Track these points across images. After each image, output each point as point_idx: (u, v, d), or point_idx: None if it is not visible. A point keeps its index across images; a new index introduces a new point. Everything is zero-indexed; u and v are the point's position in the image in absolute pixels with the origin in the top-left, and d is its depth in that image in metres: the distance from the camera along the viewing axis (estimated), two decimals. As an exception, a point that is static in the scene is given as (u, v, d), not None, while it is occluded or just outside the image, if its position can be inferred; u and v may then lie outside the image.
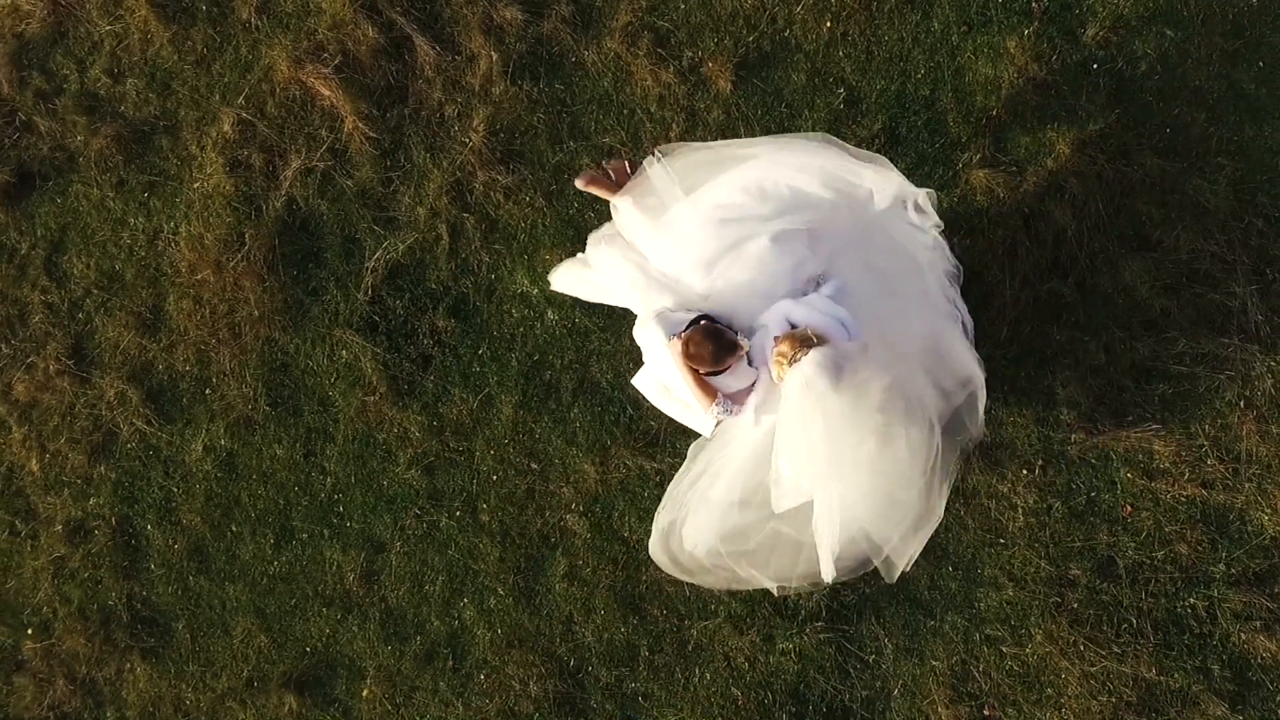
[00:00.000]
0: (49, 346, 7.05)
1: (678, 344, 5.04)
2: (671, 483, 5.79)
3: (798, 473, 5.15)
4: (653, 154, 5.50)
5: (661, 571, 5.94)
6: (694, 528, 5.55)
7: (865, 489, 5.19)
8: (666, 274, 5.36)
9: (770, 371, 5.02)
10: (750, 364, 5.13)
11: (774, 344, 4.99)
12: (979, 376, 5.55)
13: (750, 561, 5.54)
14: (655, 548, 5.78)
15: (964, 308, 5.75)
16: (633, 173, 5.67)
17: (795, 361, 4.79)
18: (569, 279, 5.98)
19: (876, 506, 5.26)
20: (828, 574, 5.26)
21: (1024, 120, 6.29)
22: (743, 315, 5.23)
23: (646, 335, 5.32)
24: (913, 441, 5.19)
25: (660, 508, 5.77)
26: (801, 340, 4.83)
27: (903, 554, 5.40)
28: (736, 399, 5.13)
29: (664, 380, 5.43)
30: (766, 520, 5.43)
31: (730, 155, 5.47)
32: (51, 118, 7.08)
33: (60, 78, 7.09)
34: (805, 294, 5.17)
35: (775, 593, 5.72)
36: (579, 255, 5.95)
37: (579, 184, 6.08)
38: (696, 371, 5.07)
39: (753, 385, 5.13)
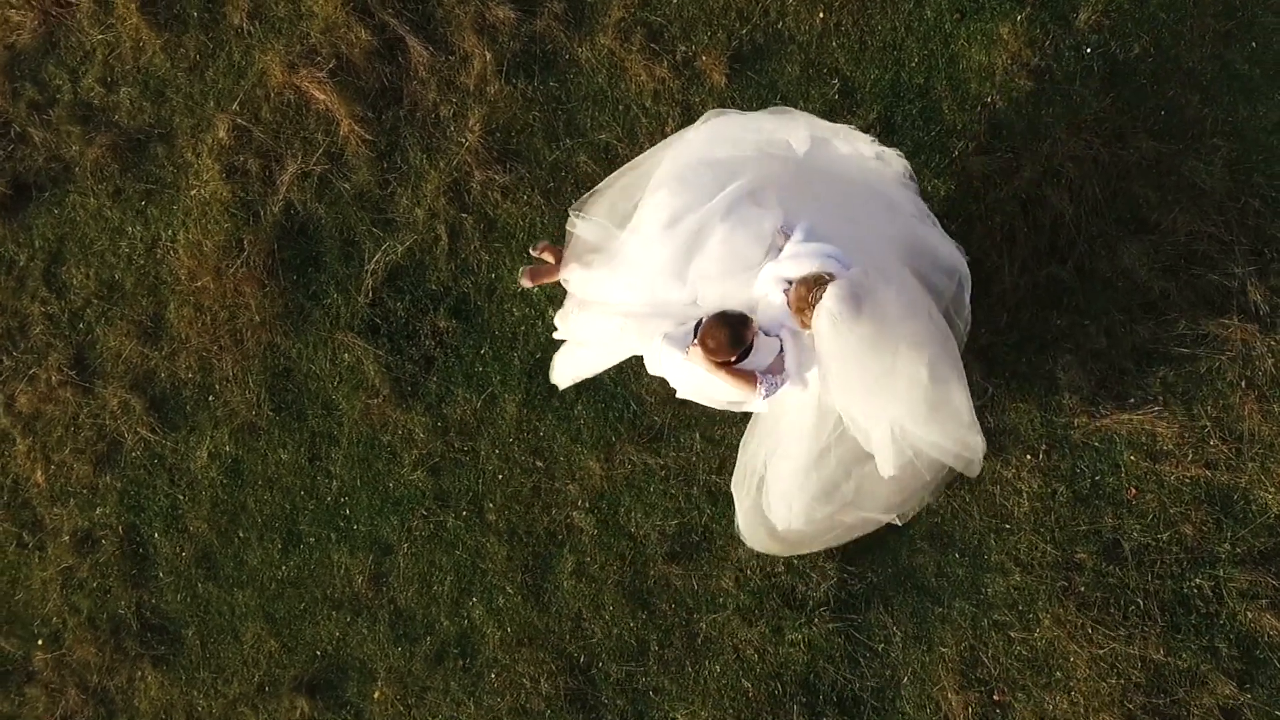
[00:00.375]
0: (50, 357, 7.04)
1: (697, 350, 5.03)
2: (736, 471, 5.87)
3: (852, 408, 5.21)
4: (570, 216, 5.58)
5: (767, 558, 6.13)
6: (780, 504, 5.62)
7: (916, 400, 5.25)
8: (648, 303, 5.34)
9: (792, 327, 5.05)
10: (768, 334, 5.14)
11: (786, 297, 5.02)
12: (962, 263, 5.64)
13: (857, 506, 5.63)
14: (752, 534, 5.86)
15: (925, 206, 5.80)
16: (564, 245, 5.73)
17: (816, 302, 4.84)
18: (566, 369, 5.96)
19: (933, 412, 5.32)
20: (886, 470, 5.33)
21: (1019, 106, 6.30)
22: (735, 302, 5.23)
23: (663, 362, 5.28)
24: (937, 342, 5.29)
25: (737, 499, 5.84)
26: (814, 280, 4.88)
27: (974, 450, 5.48)
28: (774, 370, 5.11)
29: (699, 392, 5.38)
30: (852, 465, 5.51)
31: (640, 173, 5.51)
32: (46, 128, 7.06)
33: (53, 88, 7.08)
34: (780, 250, 5.16)
35: (898, 523, 5.82)
36: (562, 344, 5.96)
37: (526, 283, 6.21)
38: (728, 364, 5.05)
39: (781, 352, 5.11)
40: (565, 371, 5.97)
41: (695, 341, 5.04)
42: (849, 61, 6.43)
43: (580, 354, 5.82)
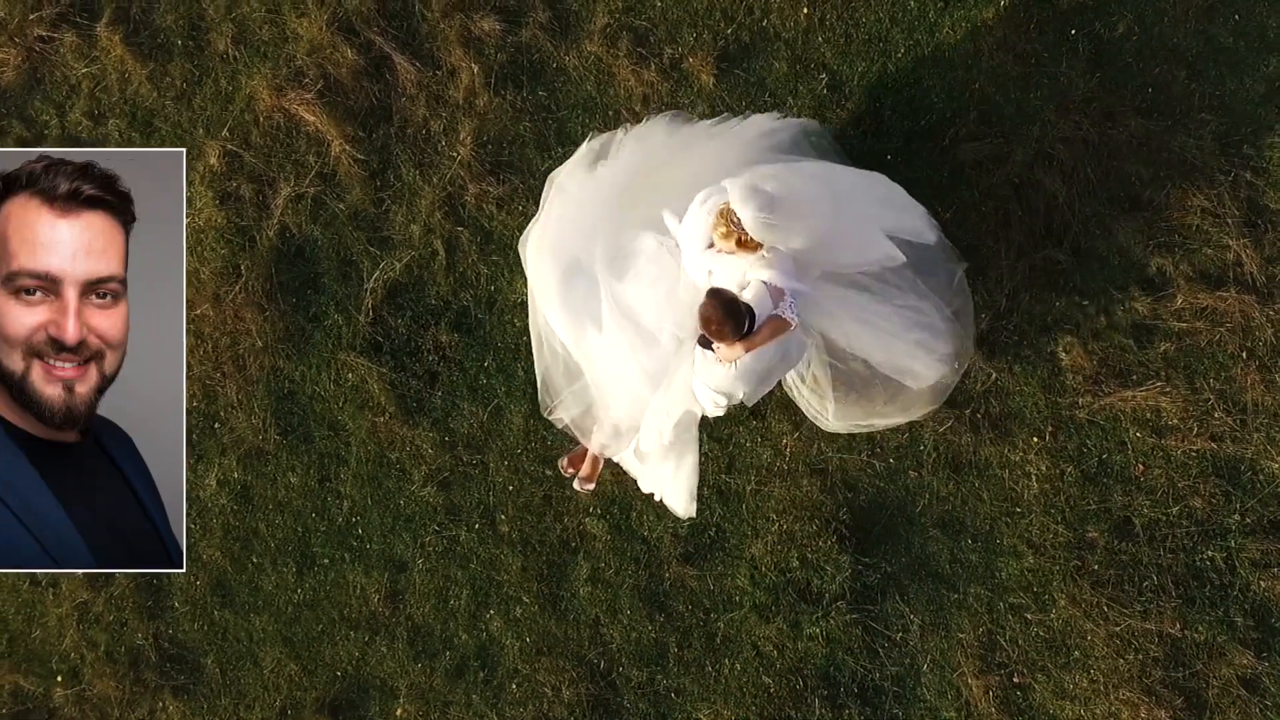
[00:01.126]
0: (53, 393, 7.03)
1: (724, 348, 5.03)
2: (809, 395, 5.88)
3: (857, 248, 5.38)
4: (551, 420, 5.92)
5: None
6: (928, 370, 5.63)
7: (882, 206, 5.50)
8: (658, 381, 5.43)
9: (749, 263, 5.14)
10: (744, 288, 5.18)
11: (720, 254, 5.14)
12: (776, 115, 5.87)
13: (951, 305, 5.71)
14: (923, 409, 5.89)
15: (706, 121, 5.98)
16: (575, 435, 5.99)
17: (739, 224, 5.02)
18: (681, 496, 5.92)
19: (892, 210, 5.54)
20: (930, 238, 5.47)
21: (1007, 90, 6.33)
22: (698, 303, 5.30)
23: (714, 383, 5.26)
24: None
25: (848, 423, 5.86)
26: (721, 215, 5.07)
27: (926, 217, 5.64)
28: (777, 296, 5.11)
29: (763, 378, 5.36)
30: (918, 295, 5.60)
31: (545, 336, 5.70)
32: (35, 164, 7.04)
33: (40, 124, 7.05)
34: (677, 245, 5.36)
35: (966, 263, 5.86)
36: (655, 492, 6.08)
37: (589, 488, 6.34)
38: (752, 332, 5.03)
39: (771, 286, 5.13)
40: (681, 498, 5.93)
41: (714, 346, 5.05)
42: (835, 55, 6.45)
43: (678, 473, 5.85)
